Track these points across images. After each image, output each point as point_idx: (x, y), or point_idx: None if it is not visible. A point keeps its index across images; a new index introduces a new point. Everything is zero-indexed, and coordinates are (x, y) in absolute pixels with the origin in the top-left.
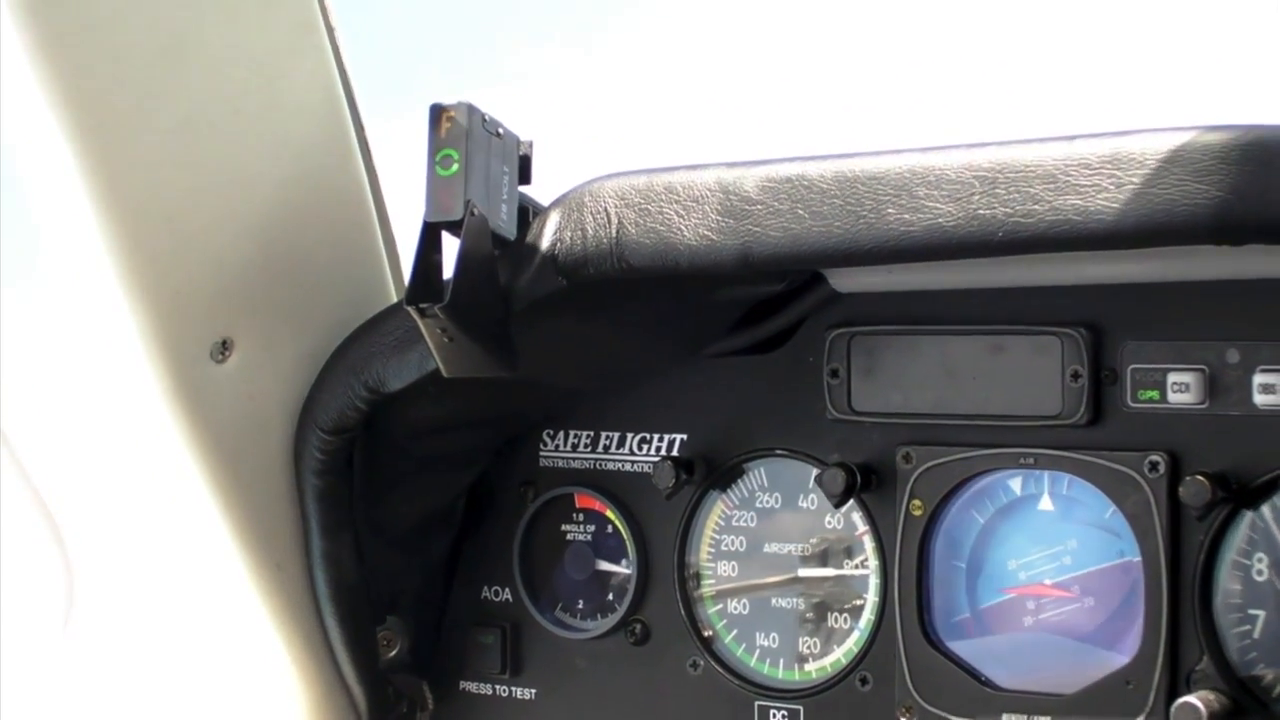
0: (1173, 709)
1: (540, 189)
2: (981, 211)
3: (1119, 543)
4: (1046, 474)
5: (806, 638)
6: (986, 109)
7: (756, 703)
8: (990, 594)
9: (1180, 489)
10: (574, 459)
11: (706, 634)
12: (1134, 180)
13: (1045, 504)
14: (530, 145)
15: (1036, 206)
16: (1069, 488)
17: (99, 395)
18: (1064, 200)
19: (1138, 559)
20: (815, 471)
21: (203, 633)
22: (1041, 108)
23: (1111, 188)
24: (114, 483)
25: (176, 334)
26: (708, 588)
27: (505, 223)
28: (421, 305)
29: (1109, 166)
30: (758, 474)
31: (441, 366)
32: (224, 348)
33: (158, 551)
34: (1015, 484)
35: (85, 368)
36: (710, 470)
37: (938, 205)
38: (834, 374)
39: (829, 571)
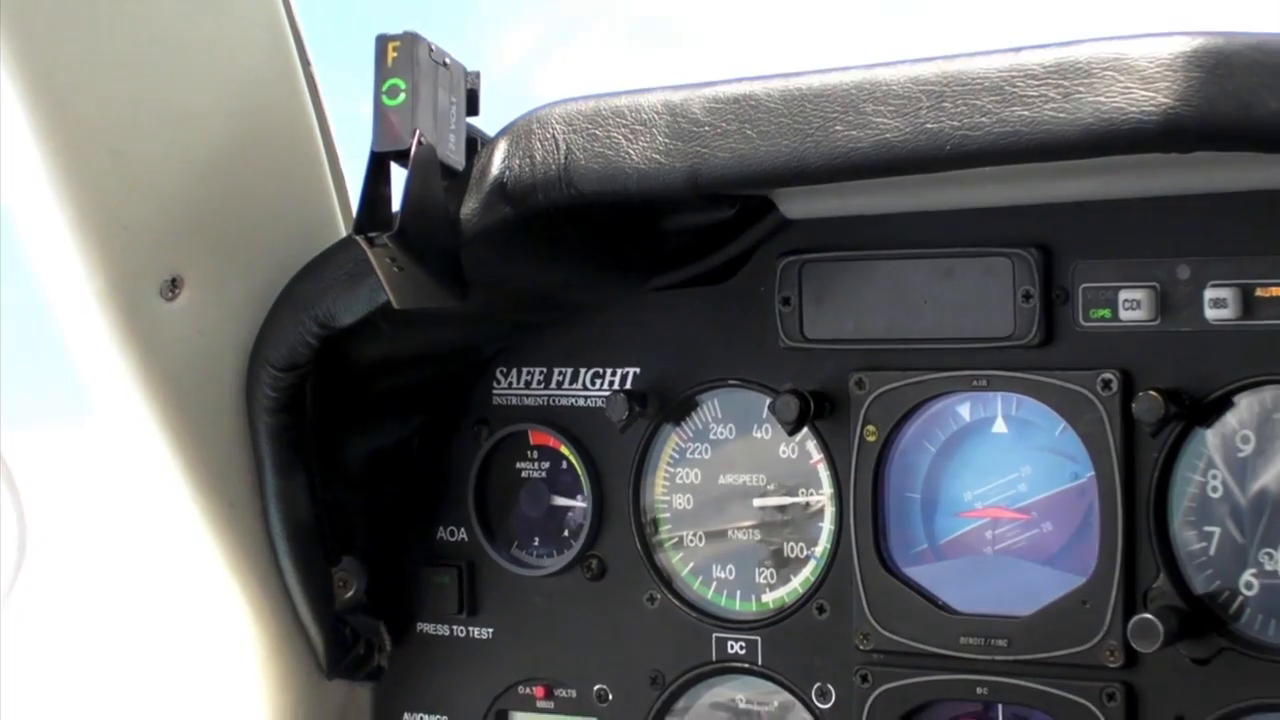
0: (1129, 626)
1: (486, 123)
2: (929, 125)
3: (1073, 465)
4: (999, 396)
5: (764, 569)
6: (934, 23)
7: (714, 634)
8: (947, 522)
9: (1133, 405)
10: (527, 396)
11: (663, 568)
12: (1080, 89)
13: (999, 427)
14: (477, 76)
15: (984, 119)
16: (1018, 408)
17: (48, 337)
18: (1011, 111)
19: (1091, 476)
20: (769, 400)
21: (157, 575)
22: (987, 19)
23: (1058, 97)
24: (64, 424)
25: (125, 272)
26: (664, 521)
27: (453, 152)
28: (370, 234)
29: (1055, 76)
30: (711, 405)
31: (392, 297)
32: (173, 285)
33: (109, 492)
34: (965, 410)
35: (33, 309)
36: (664, 403)
37: (885, 121)
38: (785, 302)
39: (785, 501)
